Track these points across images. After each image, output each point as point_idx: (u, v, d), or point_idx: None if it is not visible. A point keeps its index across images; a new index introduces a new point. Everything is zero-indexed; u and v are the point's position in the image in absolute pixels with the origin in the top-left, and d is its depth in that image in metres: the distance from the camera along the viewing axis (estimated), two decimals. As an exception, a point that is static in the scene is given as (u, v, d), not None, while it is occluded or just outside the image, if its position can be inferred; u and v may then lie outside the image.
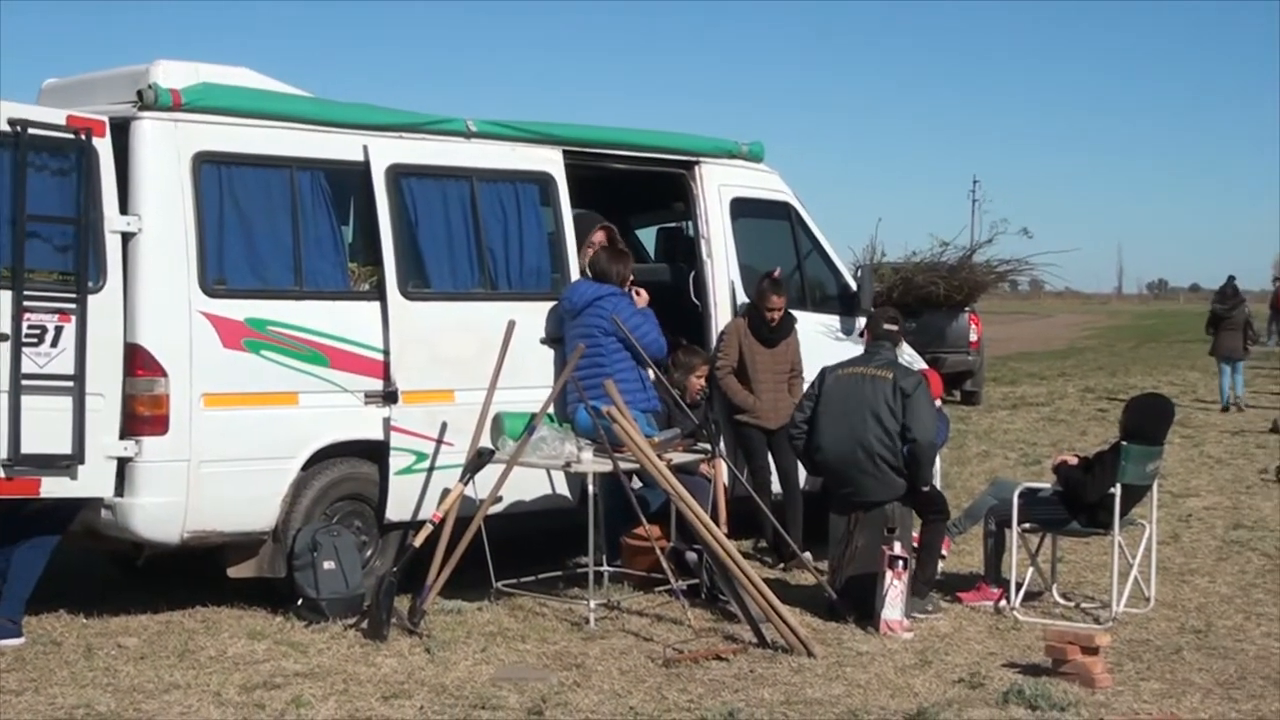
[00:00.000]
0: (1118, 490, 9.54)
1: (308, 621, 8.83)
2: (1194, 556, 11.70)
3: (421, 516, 9.41)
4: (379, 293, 9.41)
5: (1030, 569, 9.98)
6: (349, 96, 11.36)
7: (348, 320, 9.30)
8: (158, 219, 8.65)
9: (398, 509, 9.49)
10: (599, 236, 10.87)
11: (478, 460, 9.22)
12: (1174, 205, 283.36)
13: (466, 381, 9.60)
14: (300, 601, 8.97)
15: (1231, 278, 27.02)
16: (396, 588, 8.82)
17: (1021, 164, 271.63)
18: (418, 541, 9.12)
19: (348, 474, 9.39)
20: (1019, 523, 9.83)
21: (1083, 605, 10.00)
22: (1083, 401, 25.63)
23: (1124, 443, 9.59)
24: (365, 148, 9.49)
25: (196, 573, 9.46)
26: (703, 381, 10.82)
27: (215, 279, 8.86)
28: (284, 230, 9.16)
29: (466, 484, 9.19)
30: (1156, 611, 9.70)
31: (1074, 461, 9.97)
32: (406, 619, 8.77)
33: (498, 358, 9.49)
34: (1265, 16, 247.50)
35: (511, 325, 9.63)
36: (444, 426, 9.56)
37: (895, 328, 10.07)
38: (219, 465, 8.79)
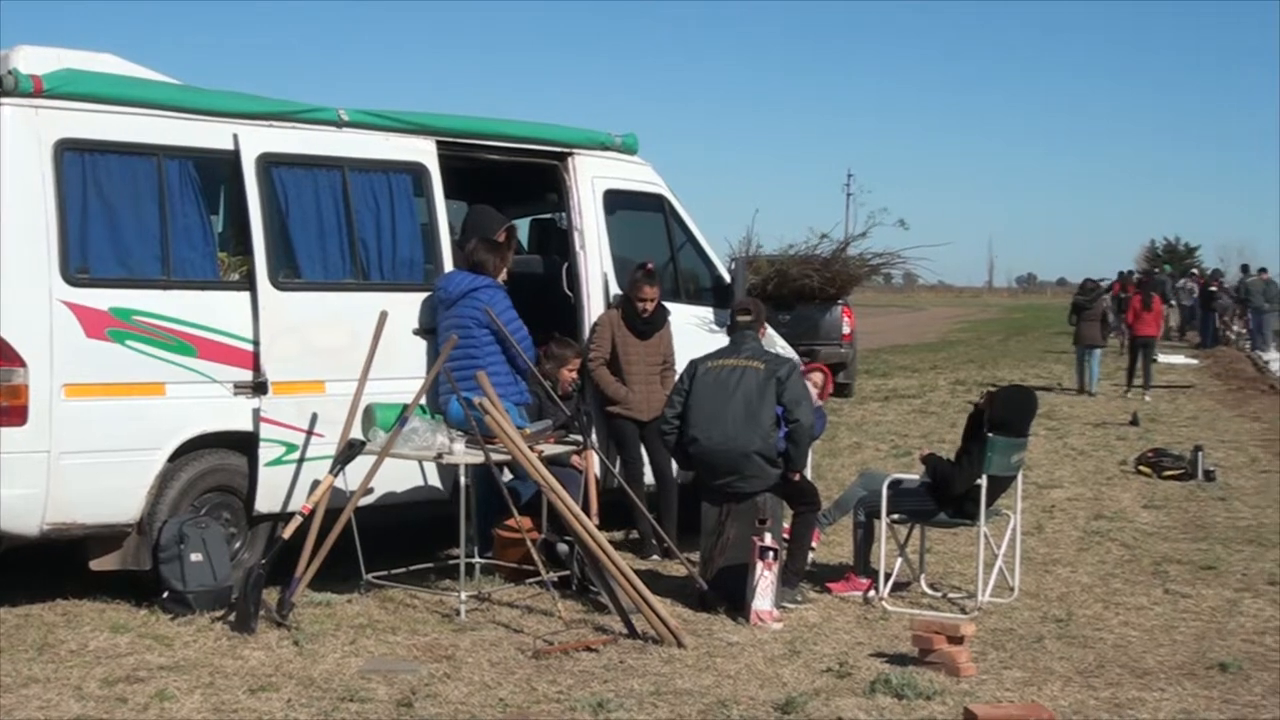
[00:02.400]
0: (984, 482, 9.70)
1: (173, 614, 8.71)
2: (1057, 547, 11.93)
3: (291, 508, 9.33)
4: (249, 283, 9.31)
5: (899, 559, 10.12)
6: (219, 84, 11.13)
7: (216, 310, 9.19)
8: (17, 207, 8.48)
9: (267, 501, 9.40)
10: (502, 236, 10.86)
11: (349, 452, 9.16)
12: (1043, 201, 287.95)
13: (338, 372, 9.53)
14: (166, 594, 8.85)
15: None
16: (265, 580, 8.73)
17: (896, 158, 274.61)
18: (287, 533, 9.03)
19: (216, 465, 9.28)
20: (888, 514, 9.95)
21: (949, 595, 10.15)
22: (953, 394, 25.98)
23: (990, 435, 9.74)
24: (235, 136, 9.38)
25: (57, 565, 9.30)
26: (574, 374, 10.83)
27: (78, 268, 8.71)
28: (150, 219, 9.03)
29: (337, 475, 9.12)
30: (1020, 601, 9.87)
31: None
32: (275, 611, 8.69)
33: (369, 349, 9.43)
34: (1133, 16, 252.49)
35: (384, 316, 9.57)
36: (315, 418, 9.48)
37: (748, 316, 10.15)
38: (80, 456, 8.65)
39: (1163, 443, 18.13)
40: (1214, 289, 44.47)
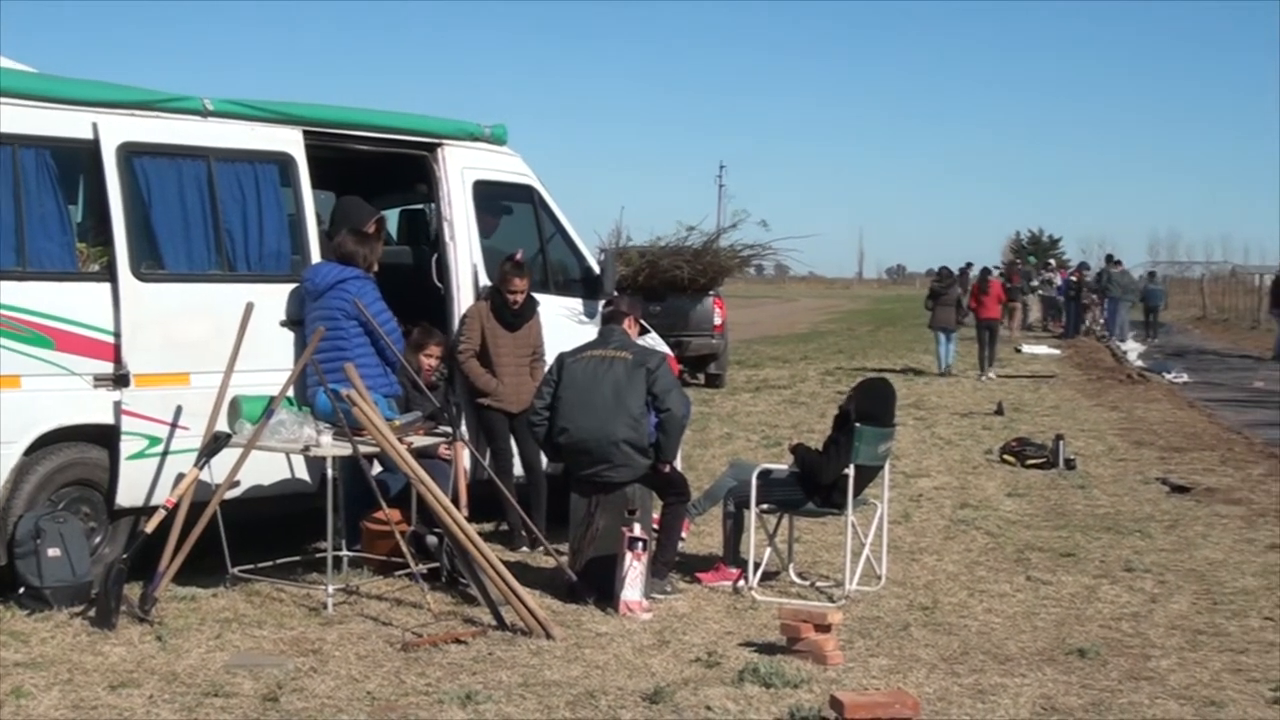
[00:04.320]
0: (851, 471, 9.79)
1: (30, 610, 8.54)
2: (923, 535, 12.09)
3: (155, 502, 9.18)
4: (110, 274, 9.14)
5: (768, 549, 10.18)
6: (78, 72, 10.88)
7: (75, 302, 9.01)
8: None
9: (129, 494, 9.24)
10: (372, 227, 10.78)
11: (214, 444, 9.04)
12: (912, 193, 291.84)
13: (203, 364, 9.40)
14: (22, 590, 8.67)
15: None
16: (127, 575, 8.59)
17: (767, 150, 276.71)
18: (149, 527, 8.89)
19: (75, 459, 9.11)
20: (757, 504, 10.01)
21: (817, 584, 10.23)
22: (823, 384, 26.25)
23: (857, 425, 9.83)
24: (95, 125, 9.20)
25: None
26: (434, 360, 10.76)
27: (-71, 259, 8.50)
28: (5, 209, 8.80)
29: (202, 468, 9.00)
30: (887, 589, 9.98)
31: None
32: (137, 606, 8.55)
33: (235, 340, 9.31)
34: (994, 11, 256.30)
35: (250, 307, 9.45)
36: (179, 410, 9.34)
37: (611, 307, 10.23)
38: (-69, 451, 8.44)
39: (1026, 432, 18.44)
40: (1075, 279, 45.37)
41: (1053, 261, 61.82)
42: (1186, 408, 23.34)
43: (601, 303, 11.43)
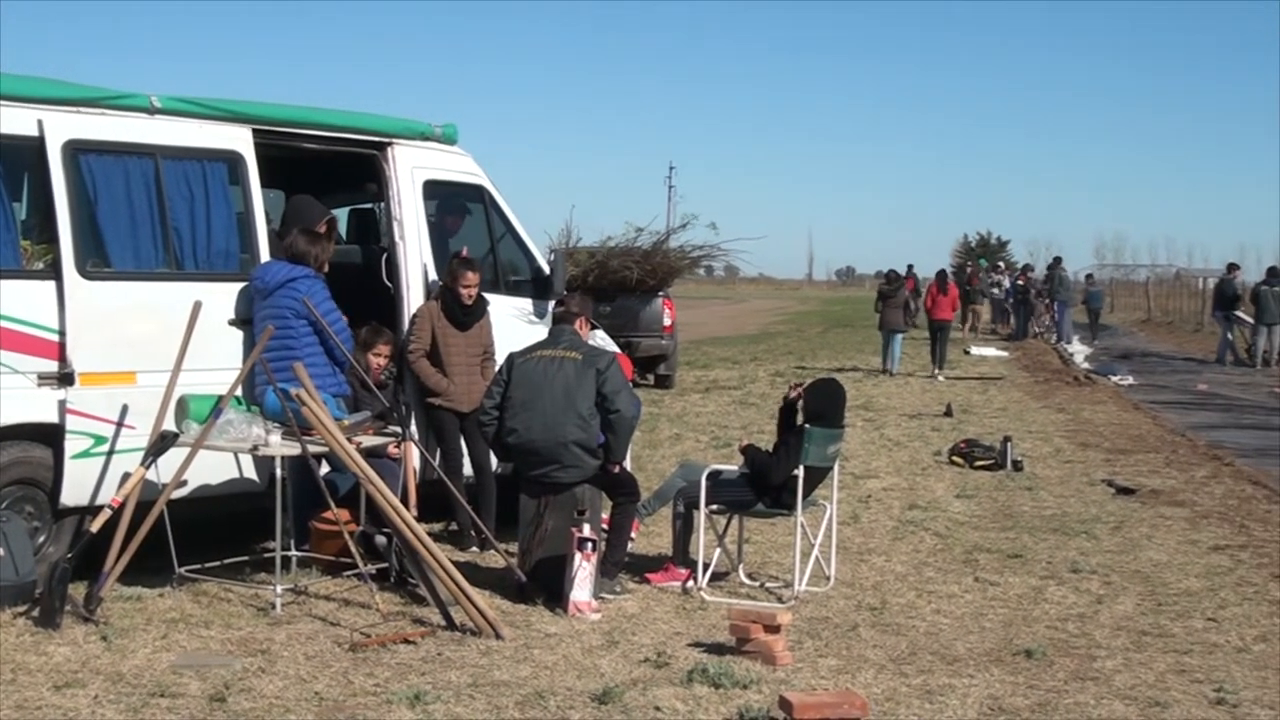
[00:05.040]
0: (801, 472, 9.81)
1: (-28, 611, 8.47)
2: (872, 536, 12.13)
3: (100, 501, 9.11)
4: (55, 272, 9.06)
5: (717, 550, 10.19)
6: (22, 68, 10.76)
7: (18, 300, 8.91)
8: None
9: (74, 494, 9.16)
10: (323, 227, 10.74)
11: (161, 444, 8.97)
12: (862, 195, 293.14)
13: (150, 363, 9.33)
14: (-35, 590, 8.58)
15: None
16: (72, 574, 8.52)
17: (717, 151, 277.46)
18: (94, 526, 8.82)
19: (18, 458, 9.02)
20: (707, 504, 10.02)
21: (767, 585, 10.25)
22: (773, 385, 26.29)
23: (807, 426, 9.86)
24: (40, 122, 9.12)
25: None
26: (382, 360, 10.73)
27: None
28: (-53, 207, 8.74)
29: (148, 468, 8.93)
30: (836, 590, 10.01)
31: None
32: (82, 606, 8.48)
33: (183, 339, 9.25)
34: (944, 13, 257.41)
35: (198, 306, 9.39)
36: (125, 409, 9.26)
37: (561, 308, 10.23)
38: None
39: (974, 433, 18.54)
40: (1021, 282, 45.63)
41: (1002, 264, 62.10)
42: (1132, 410, 23.53)
43: (552, 303, 11.41)
